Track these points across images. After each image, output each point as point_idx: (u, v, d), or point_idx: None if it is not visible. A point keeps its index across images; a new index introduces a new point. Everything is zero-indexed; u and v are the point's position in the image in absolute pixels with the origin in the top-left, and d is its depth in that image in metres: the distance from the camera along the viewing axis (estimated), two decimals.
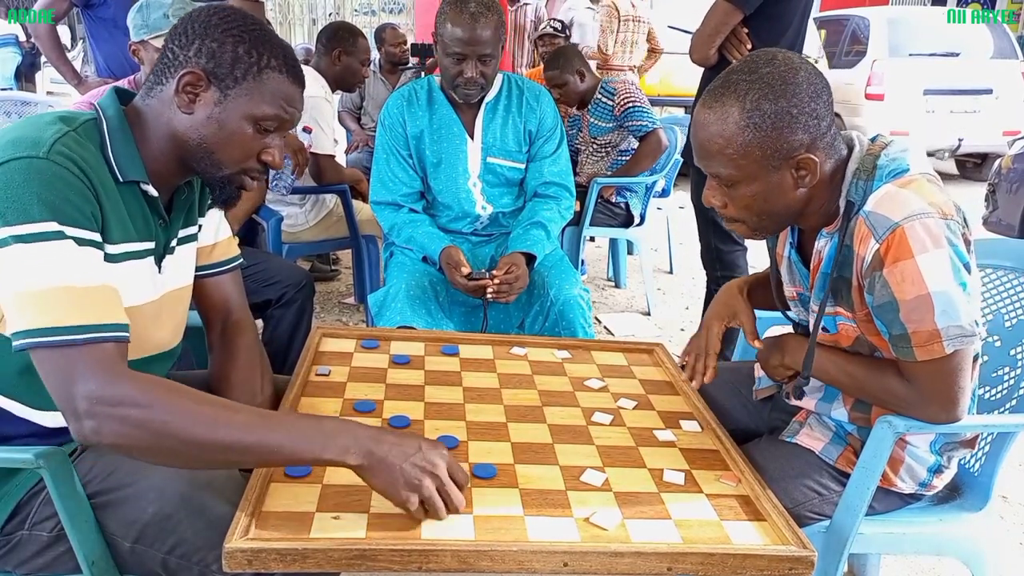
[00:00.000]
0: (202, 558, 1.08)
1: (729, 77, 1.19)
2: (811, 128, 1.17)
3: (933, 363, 1.18)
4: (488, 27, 2.01)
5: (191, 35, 1.14)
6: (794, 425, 1.43)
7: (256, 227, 3.01)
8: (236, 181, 1.21)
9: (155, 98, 1.16)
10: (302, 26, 14.19)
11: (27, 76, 9.59)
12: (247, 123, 1.15)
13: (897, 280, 1.15)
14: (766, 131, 1.15)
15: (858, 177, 1.22)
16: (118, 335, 1.01)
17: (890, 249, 1.15)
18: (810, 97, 1.16)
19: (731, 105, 1.17)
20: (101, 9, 3.37)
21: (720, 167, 1.20)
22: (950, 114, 7.02)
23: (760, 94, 1.15)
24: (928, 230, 1.13)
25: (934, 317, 1.14)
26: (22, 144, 1.02)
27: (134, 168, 1.13)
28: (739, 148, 1.17)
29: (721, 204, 1.26)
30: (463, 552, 1.03)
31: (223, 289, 1.40)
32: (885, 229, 1.15)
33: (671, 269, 4.53)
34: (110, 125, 1.13)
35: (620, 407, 1.50)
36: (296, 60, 1.20)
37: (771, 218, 1.25)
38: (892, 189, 1.18)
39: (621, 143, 3.71)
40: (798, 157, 1.17)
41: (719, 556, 1.07)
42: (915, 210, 1.14)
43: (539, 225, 2.17)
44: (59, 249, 0.99)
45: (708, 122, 1.19)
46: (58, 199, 1.00)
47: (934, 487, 1.38)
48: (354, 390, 1.48)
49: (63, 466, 1.07)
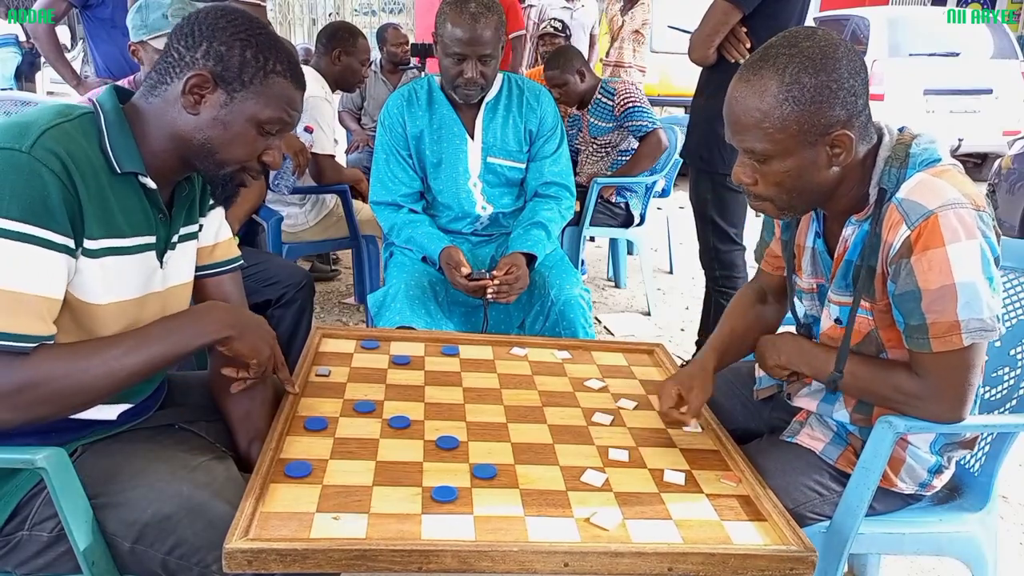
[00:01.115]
0: (202, 558, 1.08)
1: (768, 51, 1.18)
2: (848, 105, 1.15)
3: (947, 356, 1.17)
4: (488, 27, 2.01)
5: (198, 36, 1.15)
6: (795, 425, 1.43)
7: (256, 227, 3.01)
8: (236, 179, 1.23)
9: (159, 97, 1.17)
10: (302, 26, 14.20)
11: (27, 76, 9.59)
12: (251, 125, 1.18)
13: (924, 268, 1.14)
14: (805, 105, 1.14)
15: (891, 164, 1.21)
16: (23, 346, 1.02)
17: (921, 236, 1.14)
18: (849, 74, 1.15)
19: (770, 78, 1.15)
20: (99, 10, 3.37)
21: (755, 141, 1.18)
22: (950, 114, 7.02)
23: (800, 67, 1.13)
24: (962, 220, 1.13)
25: (956, 308, 1.14)
26: (9, 133, 1.03)
27: (131, 160, 1.14)
28: (776, 122, 1.15)
29: (751, 181, 1.23)
30: (463, 552, 1.03)
31: (223, 289, 1.40)
32: (919, 216, 1.14)
33: (671, 269, 4.53)
34: (107, 119, 1.14)
35: (620, 407, 1.50)
36: (298, 64, 1.22)
37: (801, 196, 1.23)
38: (927, 177, 1.17)
39: (621, 143, 3.71)
40: (834, 133, 1.16)
41: (720, 556, 1.07)
42: (950, 199, 1.14)
43: (539, 225, 2.17)
44: (5, 248, 1.00)
45: (745, 95, 1.17)
46: (31, 197, 1.01)
47: (933, 487, 1.38)
48: (354, 391, 1.47)
49: (63, 466, 1.07)
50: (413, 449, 1.28)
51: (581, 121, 3.81)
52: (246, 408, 1.32)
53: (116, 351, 1.10)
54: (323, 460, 1.22)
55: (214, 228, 1.38)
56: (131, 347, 1.11)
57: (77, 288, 1.10)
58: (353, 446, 1.28)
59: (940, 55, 7.26)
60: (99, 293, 1.12)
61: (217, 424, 1.34)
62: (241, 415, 1.32)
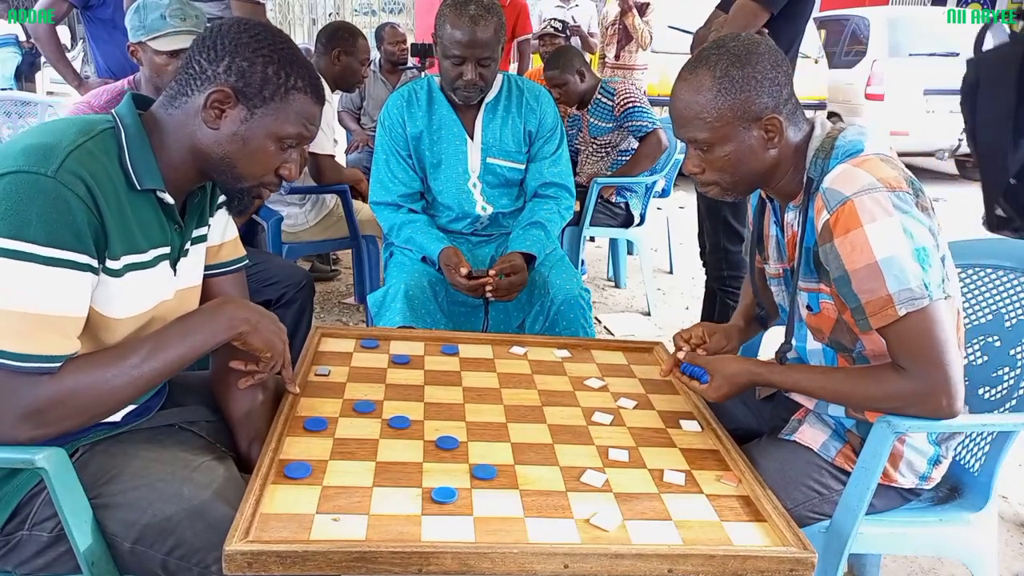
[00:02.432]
0: (202, 559, 1.08)
1: (700, 55, 1.33)
2: (774, 93, 1.29)
3: (896, 327, 1.20)
4: (488, 29, 2.01)
5: (220, 51, 1.15)
6: (793, 423, 1.43)
7: (256, 227, 3.01)
8: (253, 192, 1.25)
9: (179, 109, 1.18)
10: (302, 26, 14.20)
11: (27, 76, 9.58)
12: (270, 141, 1.19)
13: (847, 251, 1.21)
14: (735, 94, 1.27)
15: (817, 156, 1.32)
16: (51, 366, 1.04)
17: (839, 220, 1.22)
18: (772, 66, 1.29)
19: (704, 75, 1.29)
20: (100, 10, 3.36)
21: (697, 131, 1.31)
22: (950, 114, 7.01)
23: (728, 63, 1.28)
24: (877, 202, 1.20)
25: (885, 284, 1.19)
26: (33, 156, 1.03)
27: (151, 177, 1.15)
28: (713, 112, 1.28)
29: (699, 169, 1.36)
30: (463, 554, 1.03)
31: (227, 289, 1.41)
32: (837, 202, 1.22)
33: (671, 269, 4.53)
34: (128, 133, 1.15)
35: (620, 407, 1.50)
36: (318, 79, 1.23)
37: (744, 178, 1.34)
38: (847, 167, 1.26)
39: (621, 143, 3.71)
40: (765, 118, 1.29)
41: (720, 558, 1.07)
42: (864, 185, 1.22)
43: (539, 225, 2.17)
44: (32, 272, 1.01)
45: (685, 92, 1.32)
46: (57, 221, 1.02)
47: (933, 480, 1.38)
48: (354, 390, 1.48)
49: (63, 466, 1.07)
50: (413, 449, 1.28)
51: (581, 121, 3.81)
52: (247, 408, 1.32)
53: (135, 359, 1.11)
54: (323, 461, 1.22)
55: (220, 227, 1.39)
56: (149, 353, 1.12)
57: (98, 302, 1.12)
58: (353, 446, 1.28)
59: (940, 55, 7.26)
60: (119, 307, 1.14)
61: (218, 424, 1.34)
62: (242, 415, 1.32)
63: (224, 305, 1.23)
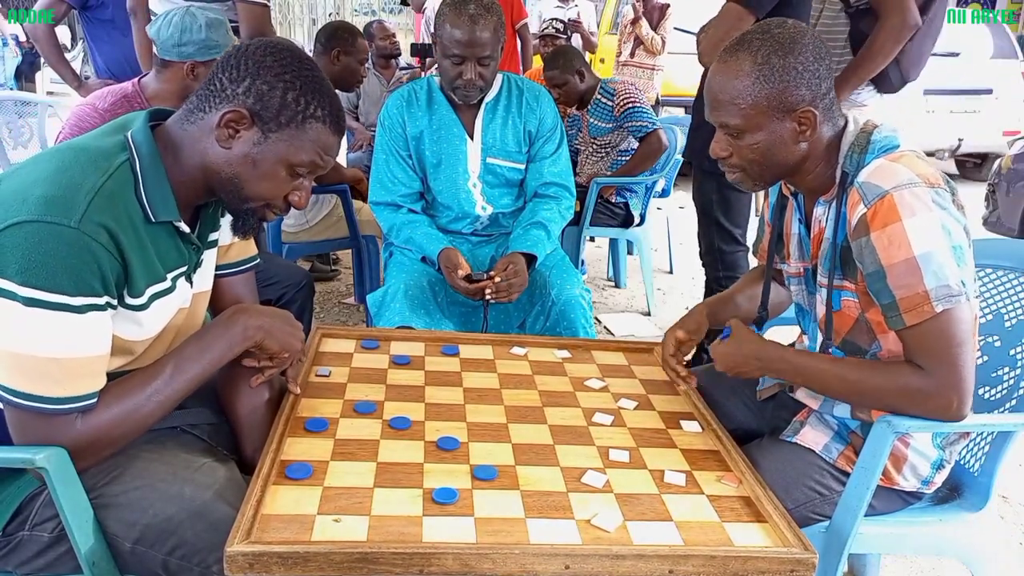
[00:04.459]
0: (203, 560, 1.08)
1: (743, 37, 1.30)
2: (813, 86, 1.26)
3: (926, 327, 1.19)
4: (487, 29, 2.01)
5: (243, 71, 1.14)
6: (795, 424, 1.43)
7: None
8: (259, 213, 1.24)
9: (195, 124, 1.17)
10: (302, 26, 14.20)
11: (27, 76, 9.59)
12: (281, 166, 1.18)
13: (884, 245, 1.20)
14: (774, 83, 1.25)
15: (853, 150, 1.30)
16: (86, 404, 1.07)
17: (877, 214, 1.20)
18: (814, 58, 1.26)
19: (744, 60, 1.27)
20: (99, 11, 3.35)
21: (729, 117, 1.29)
22: (950, 114, 7.01)
23: (771, 50, 1.25)
24: (917, 196, 1.19)
25: (923, 279, 1.17)
26: (54, 206, 1.02)
27: (167, 210, 1.16)
28: (748, 99, 1.26)
29: (727, 154, 1.34)
30: (464, 555, 1.03)
31: (236, 290, 1.42)
32: (875, 196, 1.21)
33: (671, 269, 4.53)
34: (143, 164, 1.14)
35: (621, 407, 1.50)
36: (341, 109, 1.21)
37: (771, 168, 1.33)
38: (884, 162, 1.25)
39: (621, 143, 3.71)
40: (800, 110, 1.26)
41: (720, 559, 1.07)
42: (904, 180, 1.21)
43: (539, 225, 2.17)
44: (63, 321, 1.02)
45: (723, 75, 1.29)
46: (83, 271, 1.03)
47: (935, 484, 1.38)
48: (354, 391, 1.47)
49: (64, 466, 1.07)
50: (414, 450, 1.28)
51: (581, 121, 3.81)
52: (252, 406, 1.32)
53: (158, 382, 1.15)
54: (324, 462, 1.22)
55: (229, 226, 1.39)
56: (172, 374, 1.16)
57: (126, 333, 1.15)
58: (354, 447, 1.28)
59: (940, 55, 7.25)
60: (142, 333, 1.17)
61: (219, 427, 1.34)
62: (246, 414, 1.32)
63: (237, 315, 1.24)
